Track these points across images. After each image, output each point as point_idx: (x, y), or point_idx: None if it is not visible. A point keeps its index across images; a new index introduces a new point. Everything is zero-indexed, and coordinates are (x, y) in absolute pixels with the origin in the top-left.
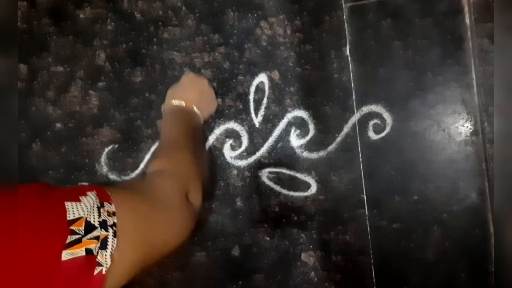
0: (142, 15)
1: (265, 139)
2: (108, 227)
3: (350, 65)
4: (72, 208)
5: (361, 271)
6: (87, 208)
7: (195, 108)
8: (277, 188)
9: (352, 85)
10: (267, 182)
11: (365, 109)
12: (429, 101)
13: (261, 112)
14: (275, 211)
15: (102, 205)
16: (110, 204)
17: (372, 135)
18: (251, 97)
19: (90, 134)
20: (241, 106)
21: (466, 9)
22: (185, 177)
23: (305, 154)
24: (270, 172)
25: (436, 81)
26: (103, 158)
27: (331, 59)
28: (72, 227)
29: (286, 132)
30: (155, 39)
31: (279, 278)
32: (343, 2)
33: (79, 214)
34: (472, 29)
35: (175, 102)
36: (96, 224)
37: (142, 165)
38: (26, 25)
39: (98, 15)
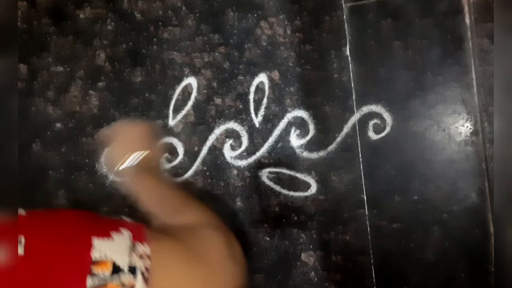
0: (142, 15)
1: (265, 139)
2: (138, 272)
3: (350, 65)
4: (99, 245)
5: (361, 271)
6: (117, 248)
7: (138, 152)
8: (277, 188)
9: (352, 85)
10: (267, 182)
11: (365, 109)
12: (429, 101)
13: (261, 112)
14: (275, 211)
15: (134, 246)
16: (144, 245)
17: (372, 135)
18: (251, 97)
19: (90, 134)
20: (241, 106)
21: (466, 9)
22: (224, 228)
23: (305, 154)
24: (270, 172)
25: (436, 81)
26: (103, 158)
27: (331, 59)
28: (95, 268)
29: (286, 132)
30: (155, 39)
31: (279, 278)
32: (343, 2)
33: (106, 255)
34: (472, 29)
35: (125, 162)
36: (125, 268)
37: None
38: (26, 25)
39: (98, 15)
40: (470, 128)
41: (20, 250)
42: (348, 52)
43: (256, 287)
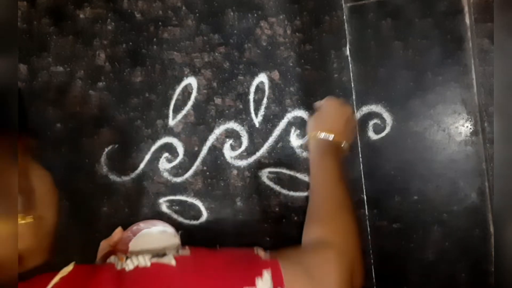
0: (142, 15)
1: (265, 139)
2: None
3: (350, 65)
4: None
5: None
6: None
7: (344, 142)
8: (277, 188)
9: (352, 85)
10: (267, 182)
11: (365, 109)
12: (429, 101)
13: (261, 112)
14: (275, 211)
15: None
16: None
17: (372, 135)
18: (251, 97)
19: (90, 134)
20: (241, 106)
21: (466, 9)
22: (352, 253)
23: (305, 154)
24: (270, 172)
25: (436, 81)
26: (103, 158)
27: (331, 59)
28: None
29: (286, 132)
30: (155, 39)
31: None
32: (343, 2)
33: None
34: (472, 29)
35: (322, 134)
36: None
37: (142, 165)
38: (26, 25)
39: (98, 15)
40: (470, 128)
41: None
42: (348, 52)
43: None
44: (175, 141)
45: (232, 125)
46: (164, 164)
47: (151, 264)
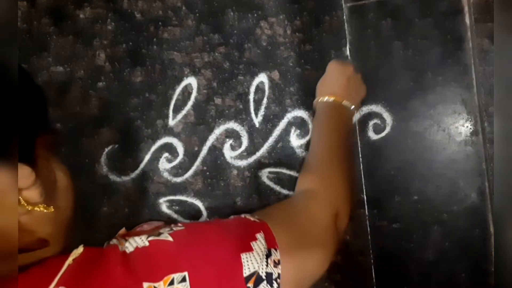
0: (142, 15)
1: (265, 139)
2: (273, 281)
3: None
4: (247, 261)
5: (361, 271)
6: (260, 258)
7: (344, 101)
8: (277, 188)
9: None
10: (267, 182)
11: (365, 109)
12: (429, 101)
13: (261, 112)
14: None
15: (269, 254)
16: (276, 250)
17: (372, 135)
18: (251, 97)
19: (90, 134)
20: (241, 106)
21: (466, 9)
22: (336, 201)
23: (305, 154)
24: (270, 172)
25: (436, 81)
26: (103, 158)
27: (331, 59)
28: (248, 285)
29: (286, 132)
30: (155, 39)
31: None
32: (343, 2)
33: (253, 268)
34: (472, 29)
35: (324, 98)
36: (263, 276)
37: (142, 165)
38: (26, 25)
39: (98, 15)
40: (470, 128)
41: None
42: (348, 52)
43: None
44: (175, 141)
45: (232, 125)
46: (164, 164)
47: (149, 243)
